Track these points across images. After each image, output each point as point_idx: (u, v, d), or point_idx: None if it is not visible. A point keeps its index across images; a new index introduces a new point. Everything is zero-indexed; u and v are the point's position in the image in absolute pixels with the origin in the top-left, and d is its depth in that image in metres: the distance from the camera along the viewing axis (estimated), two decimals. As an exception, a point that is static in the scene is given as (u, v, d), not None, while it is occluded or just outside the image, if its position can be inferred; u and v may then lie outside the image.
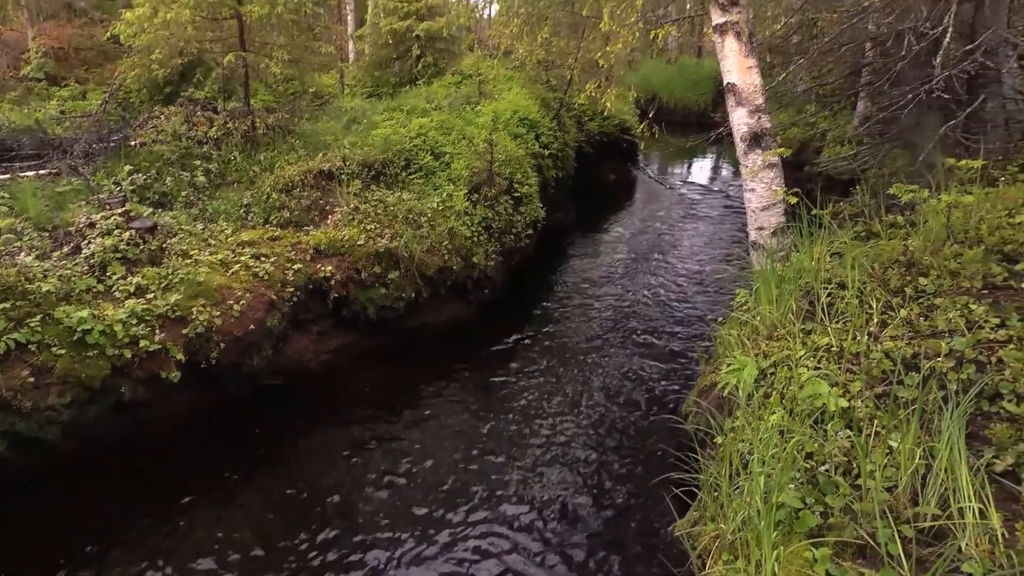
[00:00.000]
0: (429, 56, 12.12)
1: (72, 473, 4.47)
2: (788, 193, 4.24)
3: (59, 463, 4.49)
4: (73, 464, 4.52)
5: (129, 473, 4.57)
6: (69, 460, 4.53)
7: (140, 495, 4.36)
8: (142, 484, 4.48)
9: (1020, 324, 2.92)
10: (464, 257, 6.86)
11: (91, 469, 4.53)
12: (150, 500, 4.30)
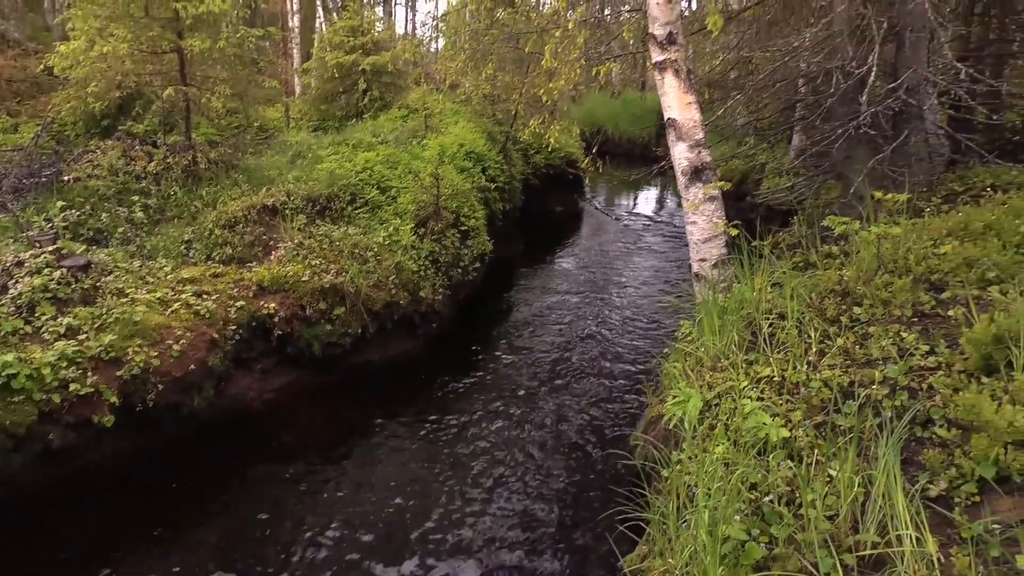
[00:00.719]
0: (375, 90, 12.13)
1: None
2: (729, 225, 4.36)
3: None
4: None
5: (56, 525, 4.34)
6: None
7: (67, 548, 4.13)
8: (69, 536, 4.25)
9: (948, 351, 3.03)
10: (411, 291, 6.81)
11: (13, 521, 4.28)
12: (76, 553, 4.08)
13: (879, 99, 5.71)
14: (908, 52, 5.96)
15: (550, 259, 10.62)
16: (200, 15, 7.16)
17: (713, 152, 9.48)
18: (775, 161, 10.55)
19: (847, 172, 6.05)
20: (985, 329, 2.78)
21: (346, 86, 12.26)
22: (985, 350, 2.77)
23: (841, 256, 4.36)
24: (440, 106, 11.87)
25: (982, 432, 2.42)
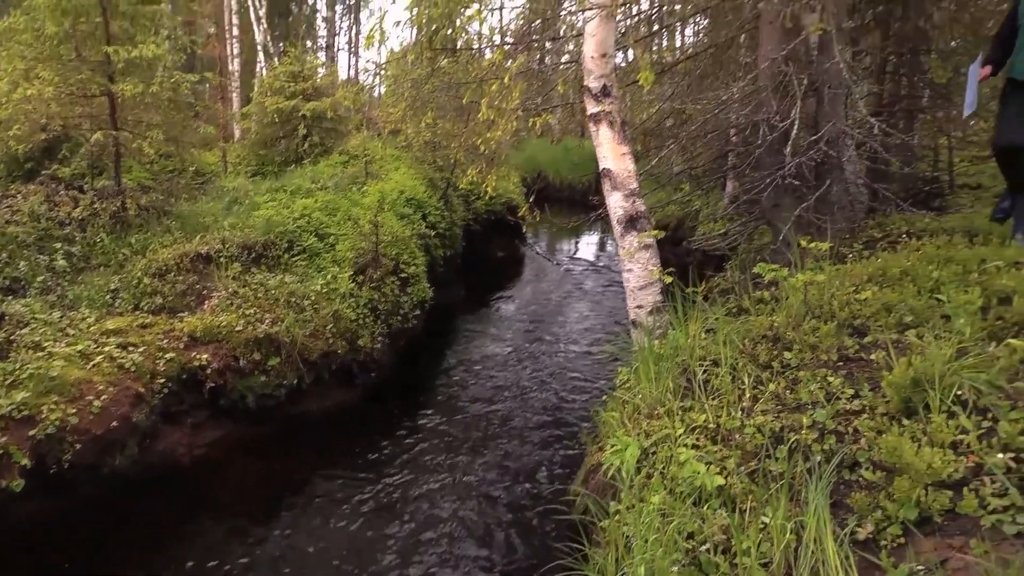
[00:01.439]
0: (316, 136, 12.09)
1: None
2: (663, 272, 4.46)
3: None
4: None
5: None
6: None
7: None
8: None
9: (871, 394, 3.13)
10: (349, 340, 6.70)
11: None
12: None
13: (802, 150, 5.97)
14: (827, 107, 6.27)
15: (492, 305, 10.63)
16: (133, 59, 7.05)
17: (650, 198, 9.77)
18: (710, 207, 10.88)
19: (776, 219, 6.28)
20: (903, 373, 2.88)
21: (286, 131, 12.19)
22: (904, 393, 2.87)
23: (772, 302, 4.49)
24: (381, 152, 11.91)
25: (904, 474, 2.49)
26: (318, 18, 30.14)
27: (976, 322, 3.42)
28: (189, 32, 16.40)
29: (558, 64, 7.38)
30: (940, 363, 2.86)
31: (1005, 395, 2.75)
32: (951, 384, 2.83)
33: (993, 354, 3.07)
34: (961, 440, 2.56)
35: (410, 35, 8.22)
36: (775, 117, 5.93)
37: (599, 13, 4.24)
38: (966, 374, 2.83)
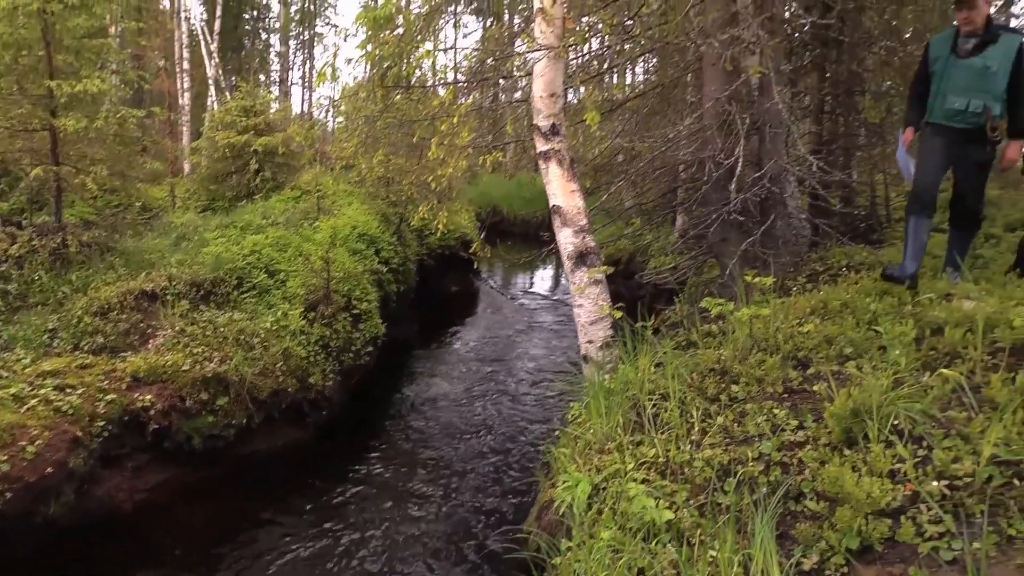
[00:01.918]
0: (268, 171, 11.99)
1: None
2: (613, 308, 4.51)
3: None
4: None
5: None
6: None
7: None
8: None
9: (815, 425, 3.21)
10: (300, 378, 6.59)
11: None
12: None
13: (747, 187, 6.16)
14: (769, 145, 6.50)
15: (446, 340, 10.59)
16: (76, 94, 6.92)
17: (602, 233, 9.93)
18: (660, 241, 11.07)
19: (723, 253, 6.44)
20: (843, 404, 2.97)
21: (237, 166, 12.06)
22: (845, 423, 2.95)
23: (720, 335, 4.57)
24: (334, 187, 11.87)
25: (846, 504, 2.55)
26: (271, 53, 30.13)
27: (910, 353, 3.55)
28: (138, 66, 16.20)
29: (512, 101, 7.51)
30: (877, 394, 2.95)
31: (938, 424, 2.86)
32: (888, 414, 2.92)
33: (926, 384, 3.19)
34: (898, 469, 2.64)
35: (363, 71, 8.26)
36: (720, 154, 6.12)
37: (547, 54, 4.34)
38: (902, 404, 2.93)
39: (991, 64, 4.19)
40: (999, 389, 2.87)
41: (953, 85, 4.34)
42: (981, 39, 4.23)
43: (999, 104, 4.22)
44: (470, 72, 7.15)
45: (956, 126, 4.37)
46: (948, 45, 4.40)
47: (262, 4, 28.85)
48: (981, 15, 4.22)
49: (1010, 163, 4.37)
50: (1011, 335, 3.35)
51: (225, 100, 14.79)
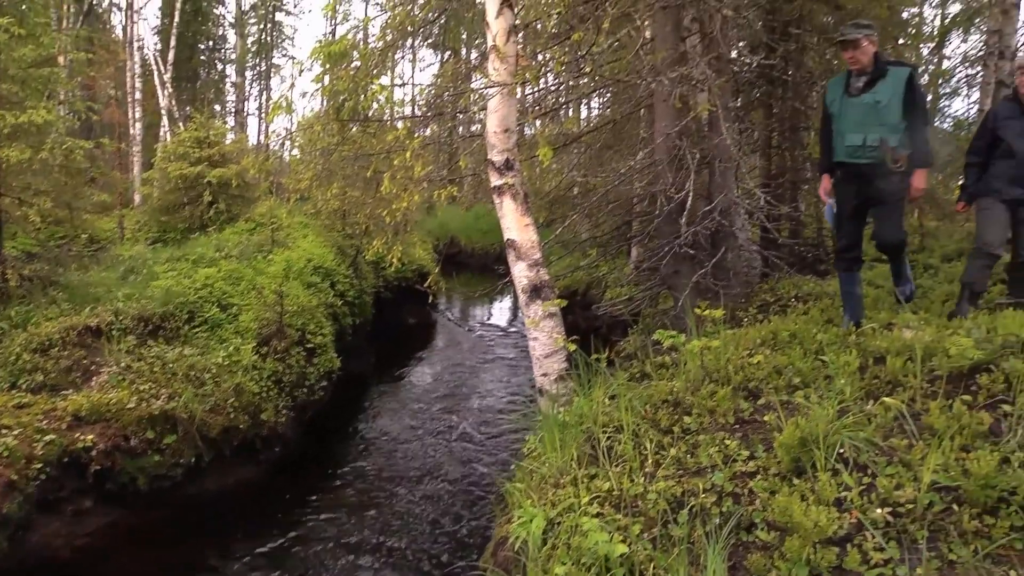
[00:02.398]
0: (222, 203, 11.82)
1: None
2: (568, 340, 4.54)
3: None
4: None
5: None
6: None
7: None
8: None
9: (765, 455, 3.25)
10: (252, 414, 6.44)
11: None
12: None
13: (698, 220, 6.31)
14: (719, 179, 6.69)
15: (403, 373, 10.48)
16: (20, 124, 6.76)
17: (558, 264, 10.00)
18: (616, 273, 11.20)
19: (675, 285, 6.56)
20: (792, 433, 3.02)
21: (190, 198, 11.86)
22: (793, 453, 3.00)
23: (673, 367, 4.63)
24: (289, 220, 11.74)
25: (795, 533, 2.58)
26: (227, 83, 29.90)
27: (855, 382, 3.64)
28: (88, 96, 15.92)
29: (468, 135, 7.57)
30: (824, 423, 3.01)
31: (881, 451, 2.93)
32: (834, 443, 2.98)
33: (870, 412, 3.28)
34: (845, 497, 2.69)
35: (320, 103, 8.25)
36: (671, 188, 6.27)
37: (501, 91, 4.41)
38: (847, 433, 2.99)
39: (881, 98, 4.32)
40: (937, 416, 2.96)
41: (849, 123, 4.47)
42: (871, 76, 4.38)
43: (896, 135, 4.32)
44: (427, 106, 7.22)
45: (859, 162, 4.49)
46: (841, 86, 4.56)
47: (218, 35, 28.73)
48: (866, 54, 4.36)
49: (917, 192, 4.46)
50: (947, 363, 3.47)
51: (178, 131, 14.54)
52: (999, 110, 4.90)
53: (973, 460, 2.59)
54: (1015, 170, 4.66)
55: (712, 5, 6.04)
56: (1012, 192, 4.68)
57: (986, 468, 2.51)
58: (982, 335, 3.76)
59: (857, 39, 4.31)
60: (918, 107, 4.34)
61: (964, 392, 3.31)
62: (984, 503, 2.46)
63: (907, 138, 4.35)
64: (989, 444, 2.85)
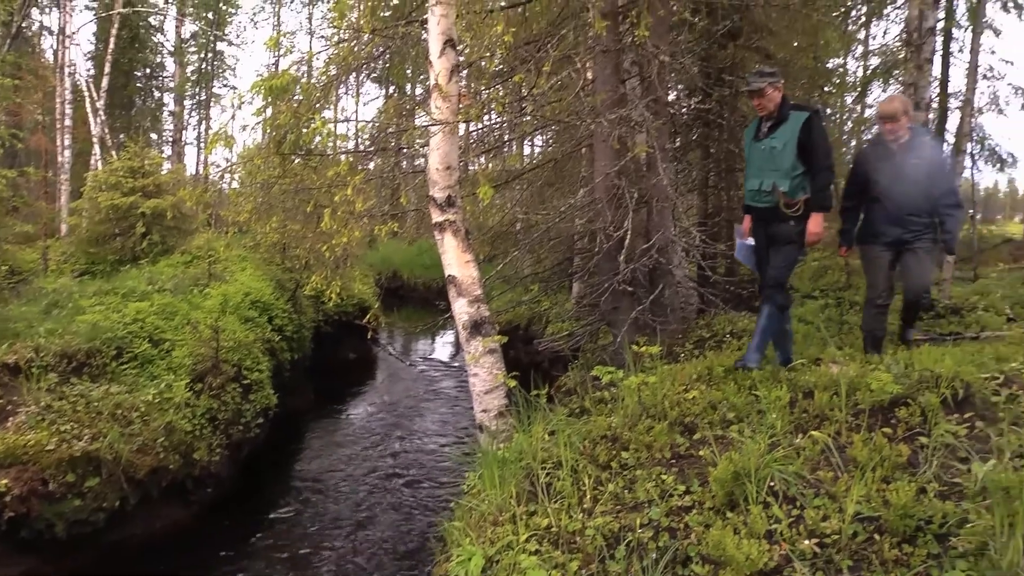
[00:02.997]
0: (156, 234, 11.48)
1: None
2: (508, 376, 4.56)
3: None
4: None
5: None
6: None
7: None
8: None
9: (700, 489, 3.32)
10: (184, 454, 6.20)
11: None
12: None
13: (636, 257, 6.47)
14: (657, 218, 6.88)
15: (342, 409, 10.28)
16: (-59, 153, 6.48)
17: (500, 299, 10.05)
18: (557, 308, 11.32)
19: (615, 321, 6.67)
20: (725, 468, 3.09)
21: (122, 229, 11.47)
22: (727, 487, 3.07)
23: (611, 402, 4.69)
24: (227, 252, 11.48)
25: (728, 566, 2.63)
26: (165, 112, 29.24)
27: (785, 416, 3.76)
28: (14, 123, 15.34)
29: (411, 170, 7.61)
30: (755, 457, 3.10)
31: (809, 484, 3.03)
32: (766, 476, 3.07)
33: (799, 445, 3.39)
34: (775, 529, 2.77)
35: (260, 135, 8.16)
36: (611, 226, 6.42)
37: (443, 129, 4.47)
38: (777, 466, 3.09)
39: (776, 144, 4.38)
40: (860, 449, 3.09)
41: (752, 167, 4.60)
42: (775, 121, 4.44)
43: (786, 181, 4.36)
44: (370, 141, 7.23)
45: (759, 206, 4.59)
46: (753, 131, 4.64)
47: (156, 62, 28.16)
48: (772, 100, 4.42)
49: (813, 236, 4.44)
50: (870, 397, 3.62)
51: (111, 160, 14.11)
52: (869, 154, 4.99)
53: (893, 491, 2.71)
54: (891, 212, 4.74)
55: (650, 51, 6.28)
56: (892, 232, 4.78)
57: (904, 498, 2.62)
58: (900, 370, 3.95)
59: (761, 88, 4.38)
60: (817, 151, 4.34)
61: (885, 425, 3.46)
62: (903, 532, 2.57)
63: (806, 182, 4.38)
64: (907, 475, 2.99)
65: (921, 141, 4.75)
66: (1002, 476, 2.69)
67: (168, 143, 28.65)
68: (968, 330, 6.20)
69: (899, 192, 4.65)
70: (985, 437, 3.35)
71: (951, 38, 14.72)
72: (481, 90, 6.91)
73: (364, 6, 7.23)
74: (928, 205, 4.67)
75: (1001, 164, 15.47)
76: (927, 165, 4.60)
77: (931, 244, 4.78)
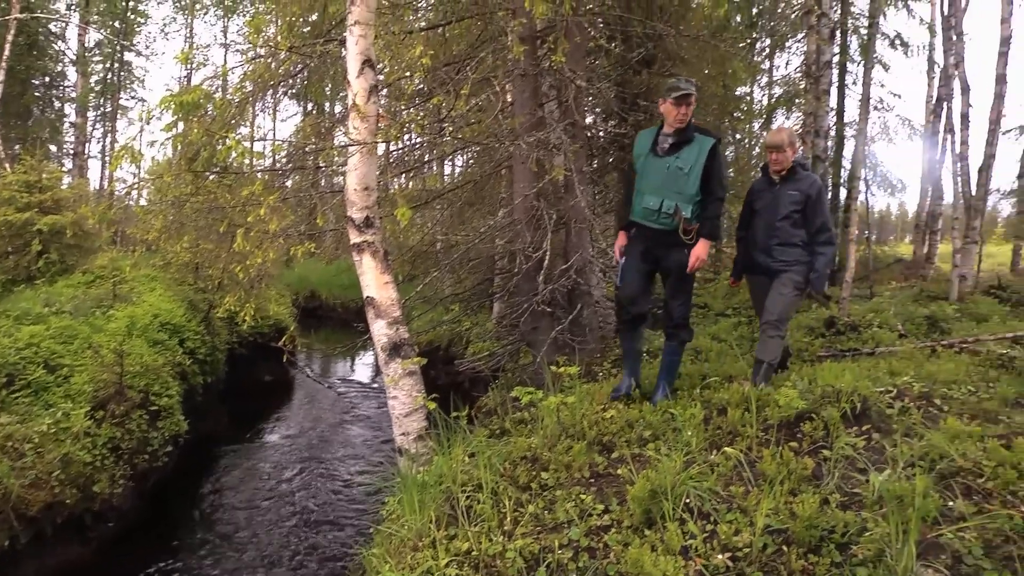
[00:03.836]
0: (54, 253, 10.84)
1: None
2: (427, 399, 4.53)
3: None
4: None
5: None
6: None
7: None
8: None
9: (619, 508, 3.37)
10: (82, 487, 5.83)
11: None
12: None
13: (555, 278, 6.57)
14: (575, 239, 7.01)
15: (257, 434, 9.92)
16: None
17: (421, 319, 9.98)
18: (478, 328, 11.32)
19: (534, 341, 6.74)
20: (643, 486, 3.16)
21: (16, 246, 10.77)
22: (644, 505, 3.13)
23: (531, 422, 4.72)
24: (134, 272, 10.94)
25: (646, 585, 2.69)
26: (66, 123, 27.70)
27: (700, 433, 3.89)
28: None
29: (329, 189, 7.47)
30: (671, 475, 3.19)
31: (722, 499, 3.13)
32: (681, 493, 3.15)
33: (713, 461, 3.50)
34: (690, 545, 2.84)
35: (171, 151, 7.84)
36: (529, 247, 6.50)
37: (361, 149, 4.43)
38: (692, 483, 3.18)
39: (683, 165, 4.21)
40: (769, 463, 3.22)
41: (649, 184, 4.33)
42: (679, 139, 4.27)
43: (689, 206, 4.24)
44: (287, 159, 7.08)
45: (652, 226, 4.37)
46: (650, 142, 4.39)
47: (56, 71, 26.71)
48: (690, 115, 4.27)
49: (696, 261, 4.34)
50: (778, 413, 3.79)
51: (5, 173, 13.26)
52: (754, 184, 4.90)
53: (799, 503, 2.83)
54: (761, 241, 4.67)
55: (567, 76, 6.43)
56: (762, 261, 4.69)
57: (809, 510, 2.75)
58: (805, 386, 4.16)
59: (691, 93, 4.20)
60: (715, 179, 4.28)
61: (792, 439, 3.63)
62: (809, 543, 2.69)
63: (700, 209, 4.31)
64: (812, 487, 3.13)
65: (800, 174, 4.63)
66: (896, 485, 2.86)
67: (69, 156, 27.12)
68: (865, 346, 6.58)
69: (769, 222, 4.64)
70: (881, 448, 3.56)
71: (846, 71, 15.77)
72: (400, 110, 6.89)
73: (281, 22, 7.12)
74: (799, 238, 4.57)
75: (892, 189, 16.66)
76: (801, 197, 4.54)
77: (801, 279, 4.57)
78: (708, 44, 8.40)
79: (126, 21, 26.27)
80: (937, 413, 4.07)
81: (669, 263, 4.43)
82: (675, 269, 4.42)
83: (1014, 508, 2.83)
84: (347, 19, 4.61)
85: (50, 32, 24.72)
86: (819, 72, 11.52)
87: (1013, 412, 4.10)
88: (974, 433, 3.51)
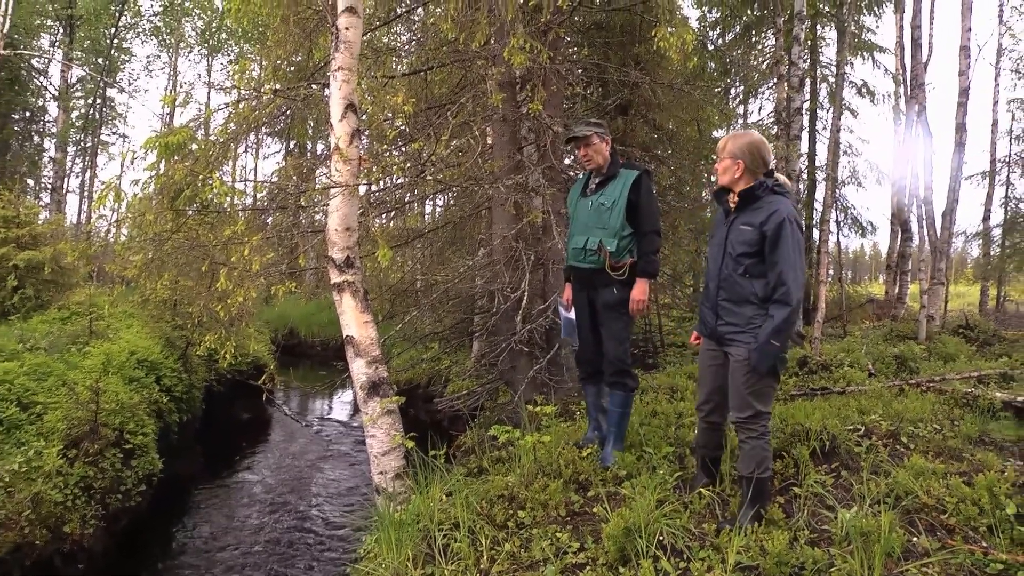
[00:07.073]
0: (30, 288, 10.77)
1: None
2: (406, 438, 4.56)
3: None
4: None
5: None
6: None
7: None
8: None
9: (594, 545, 3.42)
10: (52, 527, 5.73)
11: None
12: None
13: (533, 317, 6.66)
14: (553, 279, 7.13)
15: (233, 473, 9.78)
16: None
17: (400, 358, 9.99)
18: (458, 366, 11.34)
19: (513, 380, 6.80)
20: (617, 524, 3.22)
21: (-10, 282, 10.70)
22: (619, 543, 3.19)
23: (509, 461, 4.76)
24: (112, 309, 10.87)
25: (621, 622, 2.73)
26: (44, 158, 27.57)
27: (674, 471, 3.96)
28: None
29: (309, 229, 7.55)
30: (645, 513, 3.25)
31: (695, 537, 3.20)
32: (655, 531, 3.22)
33: (686, 500, 3.57)
34: (663, 582, 2.90)
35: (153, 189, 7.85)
36: (508, 287, 6.60)
37: (343, 191, 4.53)
38: (665, 521, 3.25)
39: (606, 200, 4.14)
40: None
41: (577, 224, 4.29)
42: (604, 177, 4.23)
43: (614, 241, 4.08)
44: (269, 198, 7.16)
45: (582, 266, 4.27)
46: (580, 187, 4.41)
47: (37, 106, 26.70)
48: (600, 153, 4.23)
49: (637, 304, 4.14)
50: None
51: (-19, 208, 13.17)
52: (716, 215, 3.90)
53: (769, 540, 2.91)
54: (709, 292, 3.58)
55: (545, 121, 6.62)
56: (708, 320, 3.58)
57: (779, 547, 2.83)
58: (776, 424, 4.26)
59: (588, 135, 4.18)
60: (644, 212, 4.09)
61: (762, 477, 3.69)
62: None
63: (633, 245, 4.14)
64: (782, 524, 3.21)
65: (760, 202, 3.35)
66: (862, 522, 2.95)
67: (47, 191, 26.96)
68: (836, 385, 6.72)
69: (715, 269, 3.52)
70: (849, 485, 3.66)
71: (816, 117, 16.31)
72: (382, 152, 7.02)
73: (267, 63, 7.27)
74: (752, 293, 3.32)
75: (862, 231, 17.10)
76: (754, 235, 3.29)
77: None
78: (682, 91, 8.68)
79: (110, 58, 26.40)
80: (903, 451, 4.19)
81: (598, 303, 4.28)
82: (603, 308, 4.25)
83: (975, 544, 2.93)
84: (331, 64, 4.75)
85: (32, 68, 24.79)
86: (790, 118, 11.93)
87: (975, 449, 4.24)
88: (938, 470, 3.63)
